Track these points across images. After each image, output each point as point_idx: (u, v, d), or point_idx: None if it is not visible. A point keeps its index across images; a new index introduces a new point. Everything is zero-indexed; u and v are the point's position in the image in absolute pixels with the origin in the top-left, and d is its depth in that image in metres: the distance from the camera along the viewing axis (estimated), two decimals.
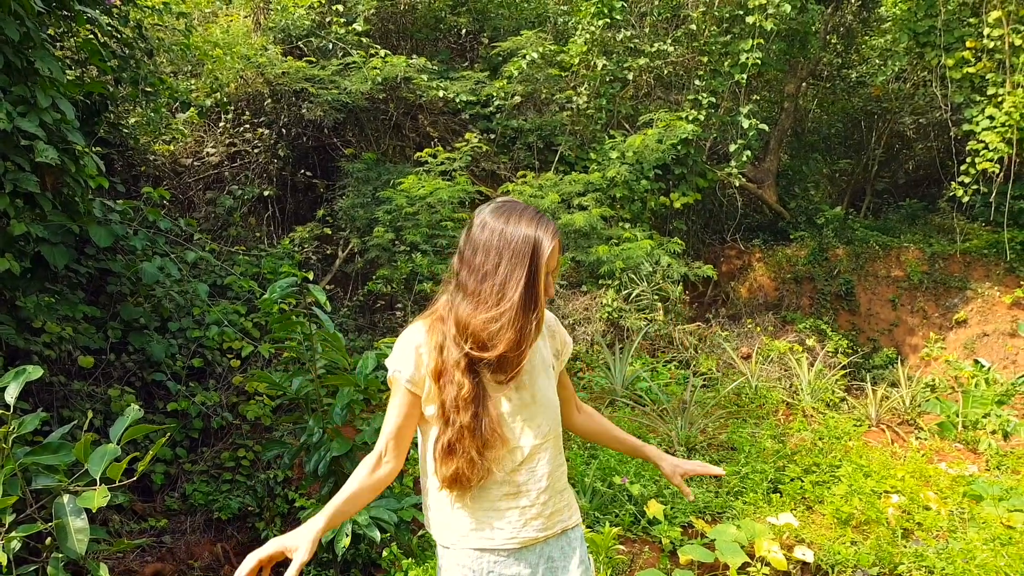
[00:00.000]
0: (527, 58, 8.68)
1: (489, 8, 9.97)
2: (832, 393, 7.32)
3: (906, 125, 12.62)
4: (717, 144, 9.72)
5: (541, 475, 1.94)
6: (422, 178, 7.30)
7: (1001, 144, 8.27)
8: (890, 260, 10.09)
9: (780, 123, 11.20)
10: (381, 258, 7.20)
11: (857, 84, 12.62)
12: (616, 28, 8.87)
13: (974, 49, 8.60)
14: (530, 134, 8.96)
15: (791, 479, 5.26)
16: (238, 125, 7.99)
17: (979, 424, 6.99)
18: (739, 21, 8.74)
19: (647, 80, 9.52)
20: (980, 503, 5.03)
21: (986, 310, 9.35)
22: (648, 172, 8.36)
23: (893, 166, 13.34)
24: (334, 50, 8.56)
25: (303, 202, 8.40)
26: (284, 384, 3.79)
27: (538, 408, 1.94)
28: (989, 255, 9.73)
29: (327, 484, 3.64)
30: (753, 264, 10.36)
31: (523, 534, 1.94)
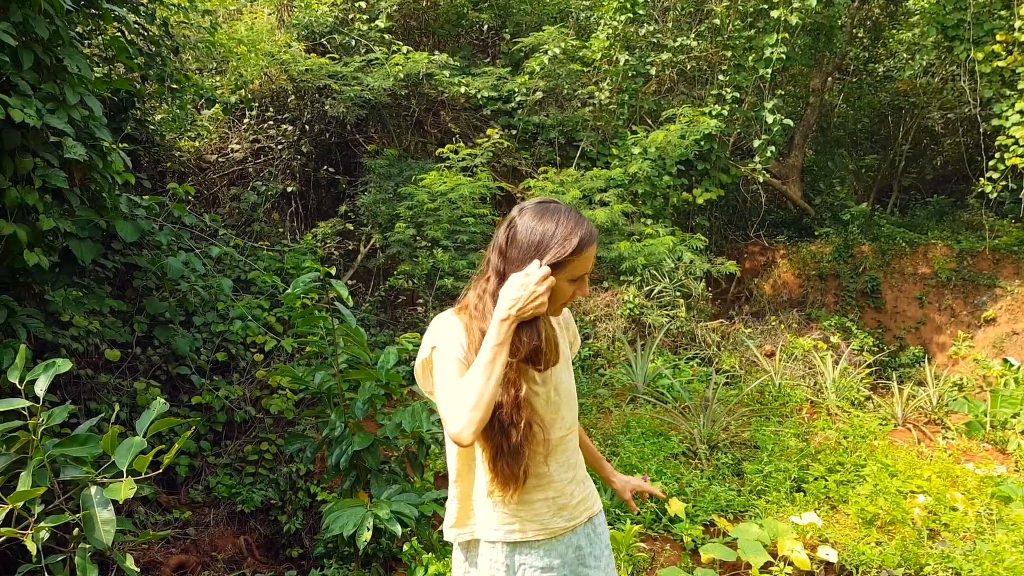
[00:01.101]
0: (549, 54, 8.66)
1: (511, 4, 9.96)
2: (857, 391, 7.24)
3: (934, 120, 12.43)
4: (741, 139, 9.63)
5: (567, 465, 1.99)
6: (443, 174, 7.31)
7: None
8: (917, 257, 9.95)
9: (805, 118, 11.07)
10: (402, 254, 7.22)
11: (884, 79, 12.44)
12: (639, 23, 8.81)
13: (1005, 42, 8.45)
14: (551, 130, 8.94)
15: (815, 478, 5.20)
16: (262, 121, 8.05)
17: (1008, 424, 6.87)
18: (764, 15, 8.65)
19: (670, 75, 9.45)
20: (1009, 504, 4.94)
21: (1016, 308, 9.20)
22: (671, 168, 8.30)
23: (921, 162, 13.15)
24: (356, 47, 8.60)
25: (326, 198, 8.46)
26: (307, 378, 3.82)
27: (562, 400, 1.97)
28: (1019, 252, 9.57)
29: (349, 478, 3.66)
30: (777, 261, 10.27)
31: (552, 524, 1.95)
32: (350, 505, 3.39)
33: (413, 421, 3.62)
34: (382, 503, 3.41)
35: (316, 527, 4.51)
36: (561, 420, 1.95)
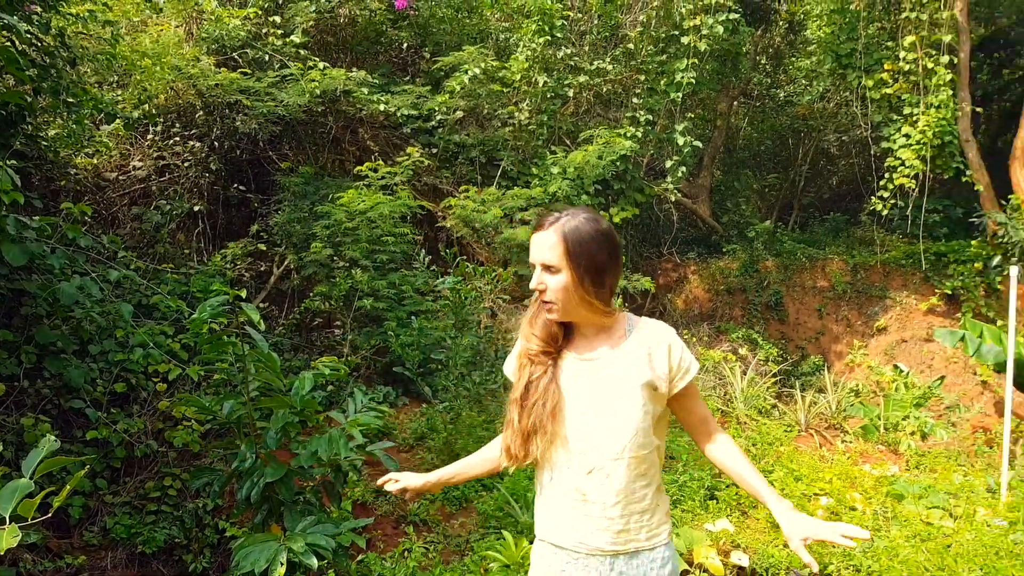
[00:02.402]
0: (469, 74, 8.69)
1: (431, 23, 9.94)
2: (764, 400, 7.54)
3: (830, 142, 13.13)
4: (654, 160, 9.91)
5: (611, 490, 1.97)
6: (362, 192, 7.20)
7: (916, 161, 8.71)
8: (816, 271, 10.44)
9: (713, 140, 11.50)
10: (319, 274, 7.05)
11: (785, 103, 13.08)
12: (557, 46, 8.96)
13: (891, 71, 9.03)
14: (472, 149, 8.95)
15: (727, 485, 5.37)
16: (167, 138, 7.74)
17: (899, 426, 7.36)
18: (674, 41, 8.95)
19: (587, 97, 9.64)
20: (902, 502, 5.29)
21: (904, 318, 9.76)
22: (588, 187, 8.44)
23: (818, 181, 13.85)
24: (270, 62, 8.39)
25: (236, 217, 8.18)
26: (214, 408, 3.66)
27: (610, 421, 1.97)
28: (906, 265, 10.18)
29: (260, 511, 3.52)
30: (688, 276, 10.57)
31: (590, 541, 1.99)
32: (262, 540, 3.25)
33: (330, 449, 3.51)
34: (297, 536, 3.29)
35: (225, 565, 4.32)
36: (606, 443, 1.97)
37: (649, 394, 1.98)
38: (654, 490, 2.03)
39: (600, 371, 2.00)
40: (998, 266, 9.27)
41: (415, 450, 5.89)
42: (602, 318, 2.02)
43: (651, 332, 2.04)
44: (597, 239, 1.95)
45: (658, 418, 2.03)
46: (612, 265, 1.98)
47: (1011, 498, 5.26)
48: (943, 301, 9.64)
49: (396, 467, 3.99)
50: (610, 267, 1.97)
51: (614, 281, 2.01)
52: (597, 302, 1.96)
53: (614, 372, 1.98)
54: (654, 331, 2.04)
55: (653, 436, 2.00)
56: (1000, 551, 4.33)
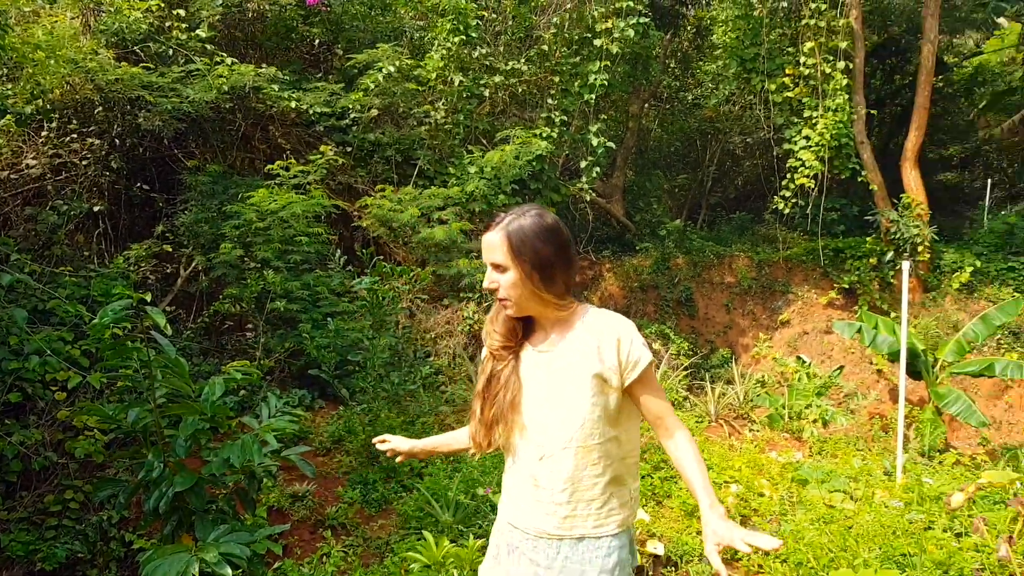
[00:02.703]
0: (383, 71, 8.60)
1: (343, 20, 9.78)
2: (677, 393, 7.80)
3: (735, 144, 13.66)
4: (569, 160, 10.06)
5: (559, 478, 2.05)
6: (274, 191, 7.03)
7: (815, 162, 9.18)
8: (723, 268, 10.85)
9: (625, 141, 11.78)
10: (229, 276, 6.85)
11: (693, 106, 13.52)
12: (472, 45, 8.99)
13: (792, 76, 9.46)
14: (388, 148, 8.87)
15: (642, 476, 5.52)
16: (63, 135, 7.34)
17: (802, 414, 7.74)
18: (587, 43, 9.12)
19: (503, 97, 9.70)
20: (806, 486, 5.53)
21: (806, 311, 10.27)
22: (506, 187, 8.51)
23: (725, 181, 14.39)
24: (175, 57, 8.08)
25: (139, 218, 7.85)
26: (119, 416, 3.51)
27: (560, 412, 2.04)
28: (807, 261, 10.71)
29: (170, 522, 3.40)
30: (604, 274, 10.80)
31: (540, 524, 2.09)
32: (172, 551, 3.15)
33: (243, 455, 3.43)
34: (209, 546, 3.20)
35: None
36: (556, 431, 2.05)
37: (599, 385, 2.02)
38: (607, 481, 2.07)
39: (554, 363, 2.07)
40: (891, 261, 9.86)
41: (332, 453, 5.81)
42: (557, 311, 2.08)
43: (602, 324, 2.06)
44: (541, 236, 2.02)
45: (617, 410, 2.06)
46: (560, 259, 2.04)
47: (906, 480, 5.56)
48: (841, 295, 10.18)
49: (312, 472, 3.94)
50: (558, 261, 2.04)
51: (566, 275, 2.07)
52: (548, 296, 2.03)
53: (566, 364, 2.05)
54: (606, 323, 2.06)
55: (607, 427, 2.04)
56: (897, 530, 4.57)
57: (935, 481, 5.51)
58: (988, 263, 9.95)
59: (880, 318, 7.78)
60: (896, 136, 12.76)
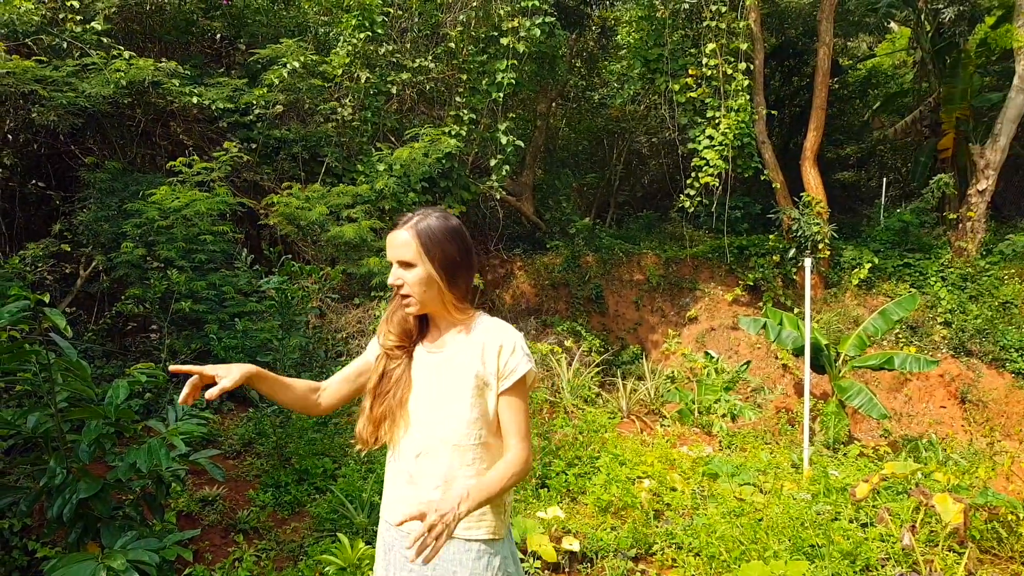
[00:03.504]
0: (288, 67, 8.47)
1: (246, 14, 9.56)
2: (589, 389, 7.94)
3: (642, 143, 14.06)
4: (479, 159, 10.15)
5: (434, 474, 2.10)
6: (177, 189, 6.84)
7: (719, 161, 9.51)
8: (632, 265, 11.14)
9: (534, 140, 11.96)
10: (131, 276, 6.62)
11: (599, 105, 13.82)
12: (378, 42, 8.95)
13: (695, 76, 9.79)
14: (294, 145, 8.74)
15: (557, 473, 5.63)
16: None
17: (712, 409, 7.93)
18: (494, 42, 9.22)
19: (411, 95, 9.71)
20: (716, 480, 5.69)
21: (713, 307, 10.65)
22: (415, 185, 8.52)
23: (632, 180, 14.78)
24: (69, 50, 7.72)
25: (35, 216, 7.50)
26: (18, 421, 3.39)
27: (440, 410, 2.10)
28: (713, 259, 11.10)
29: (75, 529, 3.32)
30: (515, 272, 10.94)
31: (413, 523, 2.08)
32: (77, 560, 3.07)
33: (150, 459, 3.37)
34: (116, 553, 3.13)
35: None
36: (432, 428, 2.12)
37: (479, 388, 2.09)
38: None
39: (443, 364, 2.14)
40: (793, 258, 10.34)
41: (243, 456, 5.72)
42: (455, 314, 2.15)
43: (490, 331, 2.12)
44: (448, 236, 2.10)
45: (496, 415, 2.13)
46: (464, 260, 2.13)
47: (812, 472, 5.76)
48: (746, 291, 10.61)
49: (222, 475, 3.90)
50: (462, 262, 2.12)
51: (467, 278, 2.15)
52: (450, 295, 2.11)
53: (452, 365, 2.12)
54: (493, 330, 2.12)
55: (484, 430, 2.12)
56: (805, 522, 4.72)
57: (840, 473, 5.70)
58: (885, 259, 10.48)
59: (784, 314, 8.02)
60: (796, 136, 13.32)
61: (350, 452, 5.59)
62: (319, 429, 5.88)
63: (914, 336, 9.54)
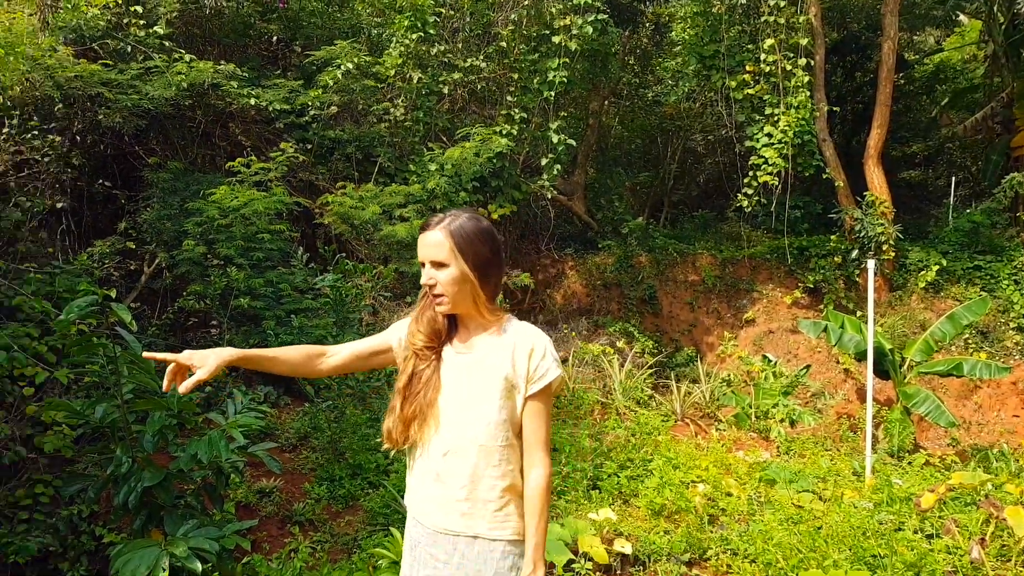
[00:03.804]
0: (342, 68, 8.59)
1: (301, 16, 9.74)
2: (641, 391, 7.85)
3: (697, 142, 13.82)
4: (530, 158, 10.13)
5: (461, 474, 2.11)
6: (235, 189, 7.00)
7: (778, 159, 9.26)
8: (687, 266, 10.97)
9: (586, 139, 11.87)
10: (192, 273, 6.80)
11: (653, 103, 13.64)
12: (430, 42, 9.01)
13: (753, 73, 9.57)
14: (348, 145, 8.86)
15: (608, 475, 5.57)
16: (24, 131, 7.23)
17: (769, 413, 7.75)
18: (546, 40, 9.18)
19: (462, 94, 9.74)
20: (774, 486, 5.56)
21: (771, 309, 10.42)
22: (467, 184, 8.54)
23: (687, 179, 14.54)
24: (133, 53, 7.98)
25: (102, 215, 7.75)
26: (86, 412, 3.50)
27: (470, 411, 2.11)
28: (771, 259, 10.85)
29: (139, 516, 3.40)
30: (566, 272, 10.88)
31: (439, 520, 2.14)
32: (142, 546, 3.15)
33: (210, 451, 3.44)
34: (178, 540, 3.21)
35: (104, 573, 4.13)
36: (462, 429, 2.12)
37: (508, 390, 2.10)
38: (506, 486, 2.13)
39: (473, 365, 2.15)
40: (856, 260, 10.04)
41: (299, 449, 5.81)
42: (485, 315, 2.16)
43: (520, 333, 2.14)
44: (480, 235, 2.11)
45: (521, 417, 2.14)
46: (495, 261, 2.14)
47: (875, 480, 5.59)
48: (806, 293, 10.34)
49: (279, 468, 3.96)
50: (493, 263, 2.13)
51: (497, 278, 2.16)
52: (482, 295, 2.13)
53: (482, 366, 2.13)
54: (524, 333, 2.14)
55: (511, 433, 2.12)
56: (867, 531, 4.61)
57: (905, 482, 5.53)
58: (954, 262, 10.06)
59: (846, 317, 7.79)
60: (858, 134, 12.95)
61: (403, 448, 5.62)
62: (372, 425, 5.94)
63: (985, 341, 9.16)
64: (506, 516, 2.13)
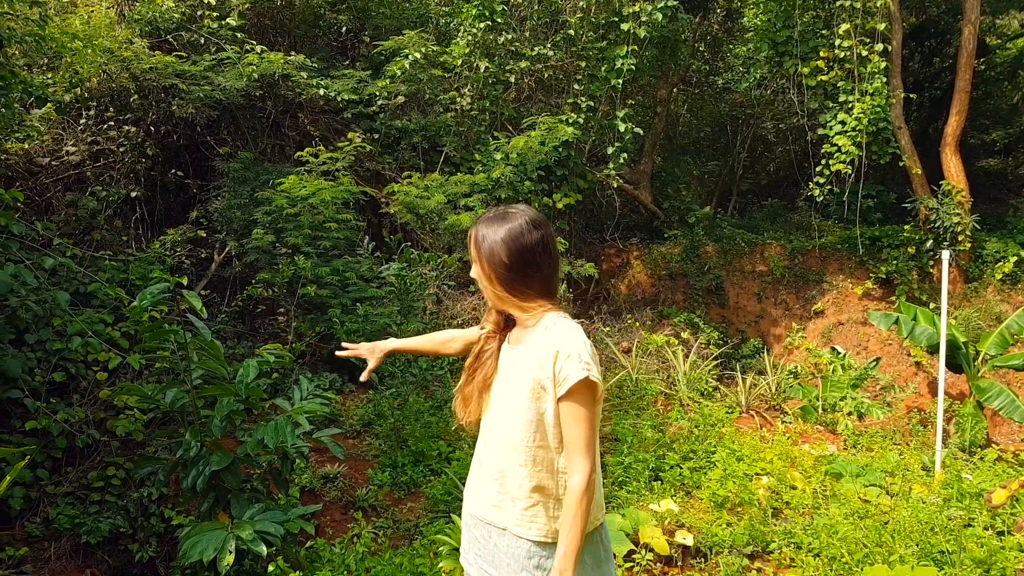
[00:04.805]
0: (410, 58, 8.63)
1: (370, 7, 9.82)
2: (706, 383, 7.71)
3: (767, 130, 13.45)
4: (596, 147, 10.01)
5: (494, 467, 2.16)
6: (303, 178, 7.12)
7: (852, 147, 8.95)
8: (755, 256, 10.71)
9: (654, 127, 11.67)
10: (261, 261, 6.96)
11: (723, 90, 13.33)
12: (497, 31, 8.97)
13: (827, 59, 9.26)
14: (415, 134, 8.91)
15: (671, 466, 5.50)
16: (101, 122, 7.51)
17: (837, 407, 7.56)
18: (614, 28, 9.04)
19: (528, 83, 9.68)
20: (840, 480, 5.43)
21: (841, 301, 10.11)
22: (531, 173, 8.50)
23: (756, 168, 14.19)
24: (206, 45, 8.19)
25: (174, 204, 8.00)
26: (157, 396, 3.62)
27: (505, 406, 2.15)
28: (842, 250, 10.52)
29: (207, 500, 3.51)
30: (631, 262, 10.75)
31: (476, 506, 2.22)
32: (209, 528, 3.25)
33: (276, 436, 3.52)
34: (244, 524, 3.29)
35: (172, 554, 4.28)
36: (498, 420, 2.17)
37: (536, 391, 2.06)
38: (533, 486, 2.09)
39: (516, 360, 2.16)
40: (930, 250, 9.66)
41: (362, 436, 5.90)
42: (519, 313, 2.16)
43: (552, 334, 2.07)
44: (501, 240, 2.07)
45: (555, 422, 2.06)
46: (518, 265, 2.07)
47: (944, 476, 5.42)
48: (878, 284, 10.00)
49: (343, 454, 4.02)
50: (515, 267, 2.07)
51: (524, 281, 2.09)
52: (511, 298, 2.11)
53: (520, 363, 2.13)
54: (555, 334, 2.07)
55: (538, 434, 2.08)
56: (935, 527, 4.48)
57: (975, 478, 5.37)
58: None
59: (919, 309, 7.57)
60: (935, 121, 12.46)
61: (464, 436, 5.65)
62: (435, 413, 5.99)
63: None
64: (533, 516, 2.10)
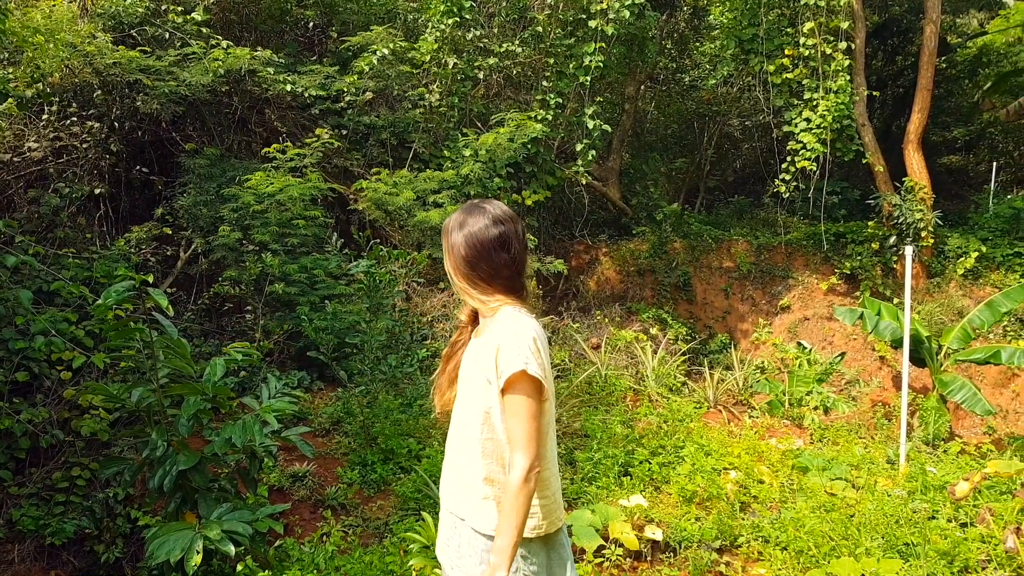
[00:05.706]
0: (378, 54, 8.60)
1: (337, 2, 9.76)
2: (674, 378, 7.80)
3: (733, 127, 13.62)
4: (564, 143, 10.05)
5: (452, 454, 2.24)
6: (271, 175, 7.06)
7: (817, 144, 9.09)
8: (722, 252, 10.84)
9: (622, 124, 11.75)
10: (228, 258, 6.90)
11: (690, 88, 13.46)
12: (466, 27, 8.96)
13: (792, 57, 9.38)
14: (383, 131, 8.88)
15: (640, 462, 5.56)
16: (64, 118, 7.37)
17: (803, 401, 7.69)
18: (582, 25, 9.09)
19: (497, 80, 9.69)
20: (806, 474, 5.52)
21: (806, 296, 10.27)
22: (500, 170, 8.52)
23: (723, 165, 14.36)
24: (171, 40, 8.08)
25: (139, 200, 7.88)
26: (122, 395, 3.59)
27: (462, 394, 2.22)
28: (808, 246, 10.69)
29: (174, 499, 3.48)
30: (600, 258, 10.82)
31: (443, 498, 2.27)
32: (176, 528, 3.23)
33: (244, 435, 3.50)
34: (212, 523, 3.28)
35: (139, 555, 4.24)
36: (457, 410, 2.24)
37: (484, 384, 2.12)
38: (483, 477, 2.12)
39: (474, 352, 2.21)
40: (894, 246, 9.83)
41: (331, 435, 5.88)
42: (481, 307, 2.21)
43: (497, 329, 2.11)
44: (464, 235, 2.16)
45: (502, 412, 2.08)
46: (478, 261, 2.14)
47: (909, 468, 5.52)
48: (843, 280, 10.17)
49: (312, 452, 4.01)
50: (475, 264, 2.14)
51: (486, 277, 2.15)
52: (470, 290, 2.18)
53: (475, 356, 2.19)
54: (500, 329, 2.11)
55: (486, 427, 2.11)
56: (900, 519, 4.57)
57: (939, 470, 5.47)
58: (994, 248, 9.84)
59: (883, 304, 7.67)
60: (898, 118, 12.70)
61: (434, 433, 5.67)
62: (404, 410, 5.99)
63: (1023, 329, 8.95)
64: (486, 509, 2.13)
